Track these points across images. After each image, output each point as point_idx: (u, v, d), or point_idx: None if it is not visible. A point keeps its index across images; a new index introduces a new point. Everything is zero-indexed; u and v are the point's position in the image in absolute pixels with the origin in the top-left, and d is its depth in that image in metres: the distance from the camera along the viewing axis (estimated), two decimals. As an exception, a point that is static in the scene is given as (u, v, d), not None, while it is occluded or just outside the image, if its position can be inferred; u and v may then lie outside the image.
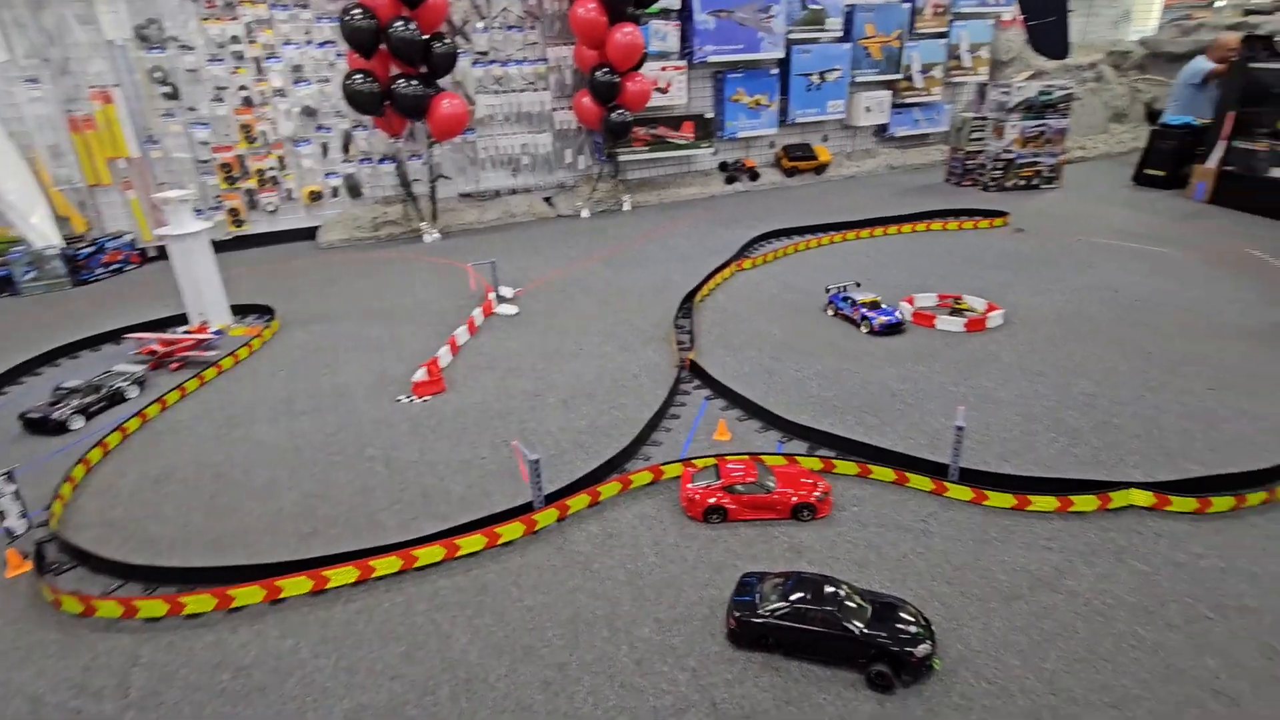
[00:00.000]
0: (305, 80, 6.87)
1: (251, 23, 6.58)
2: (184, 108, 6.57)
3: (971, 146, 8.20)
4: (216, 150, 6.76)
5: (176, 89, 6.49)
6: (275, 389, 4.19)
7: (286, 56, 6.77)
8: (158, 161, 6.62)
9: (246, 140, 6.80)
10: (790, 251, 6.23)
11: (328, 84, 6.93)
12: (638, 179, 8.50)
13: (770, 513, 2.87)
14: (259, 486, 3.27)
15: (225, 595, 2.58)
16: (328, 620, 2.54)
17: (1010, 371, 3.99)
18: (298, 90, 6.86)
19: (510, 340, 4.70)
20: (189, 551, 2.88)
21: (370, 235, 7.21)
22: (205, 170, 6.79)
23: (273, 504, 3.15)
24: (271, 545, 2.89)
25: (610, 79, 7.00)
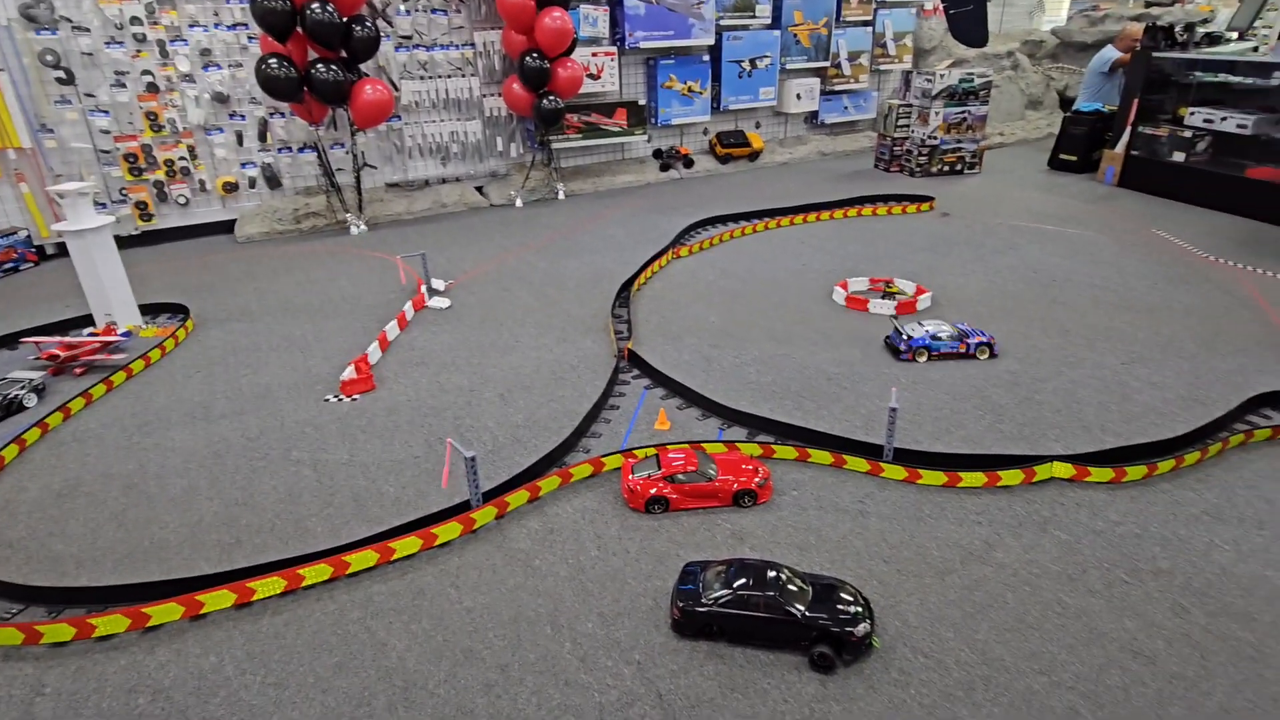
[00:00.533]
0: (215, 65, 6.50)
1: (152, 3, 6.17)
2: (80, 93, 6.12)
3: (898, 133, 8.39)
4: (119, 140, 6.34)
5: (71, 73, 6.04)
6: (191, 392, 3.96)
7: (194, 39, 6.39)
8: (53, 152, 6.16)
9: (152, 129, 6.40)
10: (726, 238, 6.26)
11: (240, 69, 6.58)
12: (572, 167, 8.39)
13: (713, 500, 2.88)
14: (175, 497, 3.09)
15: (140, 614, 2.42)
16: (254, 634, 2.42)
17: (939, 352, 4.10)
18: (207, 75, 6.49)
19: (443, 334, 4.57)
20: (99, 570, 2.69)
21: (292, 228, 6.90)
22: (108, 161, 6.35)
23: (191, 515, 2.97)
24: (191, 558, 2.74)
25: (540, 65, 6.87)
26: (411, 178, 7.59)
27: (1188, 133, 7.08)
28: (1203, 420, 3.34)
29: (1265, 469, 3.06)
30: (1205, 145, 7.07)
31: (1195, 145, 7.07)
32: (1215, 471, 3.06)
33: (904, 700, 2.09)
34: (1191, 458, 3.09)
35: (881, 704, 2.08)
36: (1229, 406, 3.44)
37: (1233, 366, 3.87)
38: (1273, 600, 2.43)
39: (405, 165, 7.52)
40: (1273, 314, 4.50)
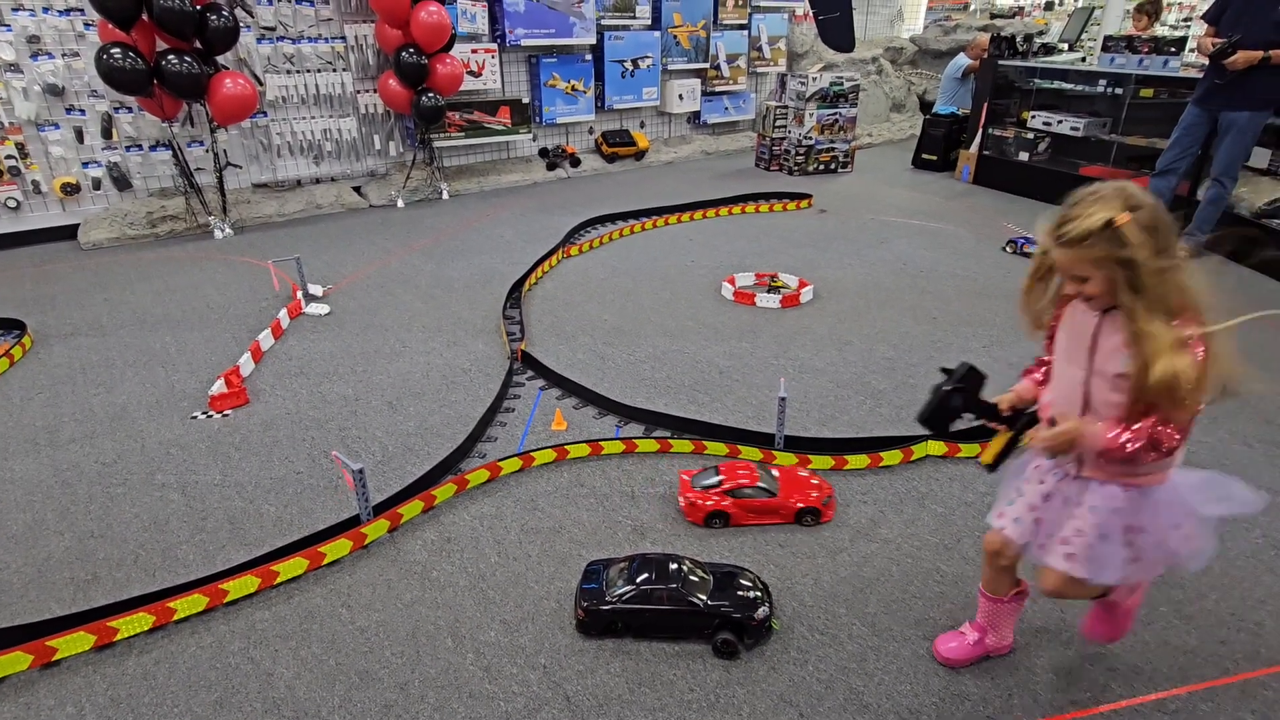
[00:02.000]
0: (47, 54, 5.86)
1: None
2: (-124, 83, 5.35)
3: (776, 133, 8.72)
4: (-71, 135, 5.59)
5: None
6: (32, 416, 3.56)
7: (18, 24, 5.73)
8: None
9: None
10: (616, 236, 6.29)
11: (76, 59, 5.96)
12: (455, 166, 8.18)
13: (774, 517, 2.78)
14: (17, 533, 2.76)
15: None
16: (118, 678, 2.20)
17: (822, 342, 4.30)
18: (37, 65, 5.83)
19: (323, 342, 4.34)
20: (-78, 623, 2.37)
21: (147, 233, 6.33)
22: (-86, 159, 5.59)
23: (37, 551, 2.67)
24: (39, 600, 2.46)
25: (418, 60, 6.64)
26: (281, 178, 7.15)
27: (1030, 134, 7.78)
28: (1052, 395, 3.67)
29: (1104, 436, 3.41)
30: (1045, 146, 7.80)
31: (1037, 146, 7.78)
32: (1064, 440, 3.37)
33: (803, 678, 2.17)
34: (1044, 429, 3.39)
35: (783, 683, 2.15)
36: (1073, 381, 3.80)
37: (1074, 345, 4.28)
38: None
39: (274, 164, 7.07)
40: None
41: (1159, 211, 1.57)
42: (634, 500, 2.95)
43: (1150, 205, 1.58)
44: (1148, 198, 1.60)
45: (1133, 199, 1.58)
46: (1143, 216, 1.55)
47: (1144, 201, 1.58)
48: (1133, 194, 1.60)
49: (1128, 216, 1.54)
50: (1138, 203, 1.57)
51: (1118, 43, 7.36)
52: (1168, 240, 1.57)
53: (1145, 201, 1.58)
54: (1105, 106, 7.36)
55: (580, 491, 3.00)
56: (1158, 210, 1.58)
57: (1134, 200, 1.58)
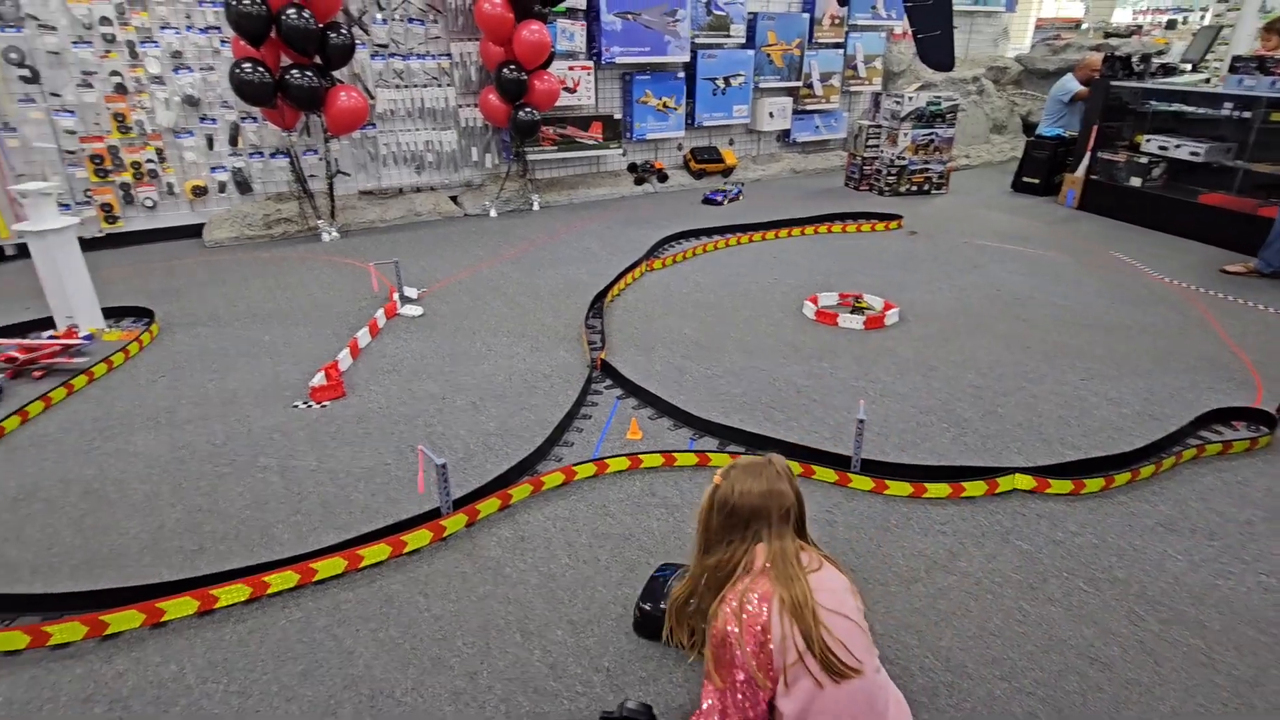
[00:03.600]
0: (186, 67, 6.42)
1: (123, 3, 6.09)
2: (45, 93, 6.00)
3: (868, 153, 8.57)
4: (85, 140, 6.21)
5: (36, 72, 5.91)
6: (155, 397, 3.88)
7: (165, 41, 6.30)
8: (15, 151, 6.01)
9: (120, 130, 6.28)
10: (699, 252, 6.32)
11: (212, 72, 6.50)
12: (547, 178, 8.42)
13: None
14: (137, 503, 3.02)
15: (98, 621, 2.36)
16: (216, 642, 2.37)
17: (906, 366, 4.19)
18: (178, 78, 6.40)
19: (415, 342, 4.54)
20: (55, 576, 2.62)
21: (263, 233, 6.81)
22: (72, 162, 6.22)
23: (153, 521, 2.91)
24: (152, 565, 2.68)
25: (517, 76, 6.90)
26: (385, 185, 7.55)
27: (1144, 159, 7.35)
28: (1157, 435, 3.45)
29: (1216, 483, 3.18)
30: (1160, 171, 7.34)
31: (1151, 171, 7.33)
32: (1169, 485, 3.16)
33: (869, 705, 2.11)
34: (1146, 471, 3.19)
35: (847, 709, 2.10)
36: (1182, 422, 3.56)
37: (1185, 384, 4.01)
38: (1222, 608, 2.51)
39: (379, 173, 7.48)
40: (1223, 334, 4.67)
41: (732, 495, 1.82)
42: (704, 513, 2.95)
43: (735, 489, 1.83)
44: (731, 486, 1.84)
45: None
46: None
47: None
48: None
49: (718, 478, 1.85)
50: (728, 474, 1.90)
51: (1247, 63, 6.87)
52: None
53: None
54: (1231, 131, 6.88)
55: (652, 501, 3.02)
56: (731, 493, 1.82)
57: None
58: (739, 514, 1.75)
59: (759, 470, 1.83)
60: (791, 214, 7.34)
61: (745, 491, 1.78)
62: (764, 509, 1.76)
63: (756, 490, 1.77)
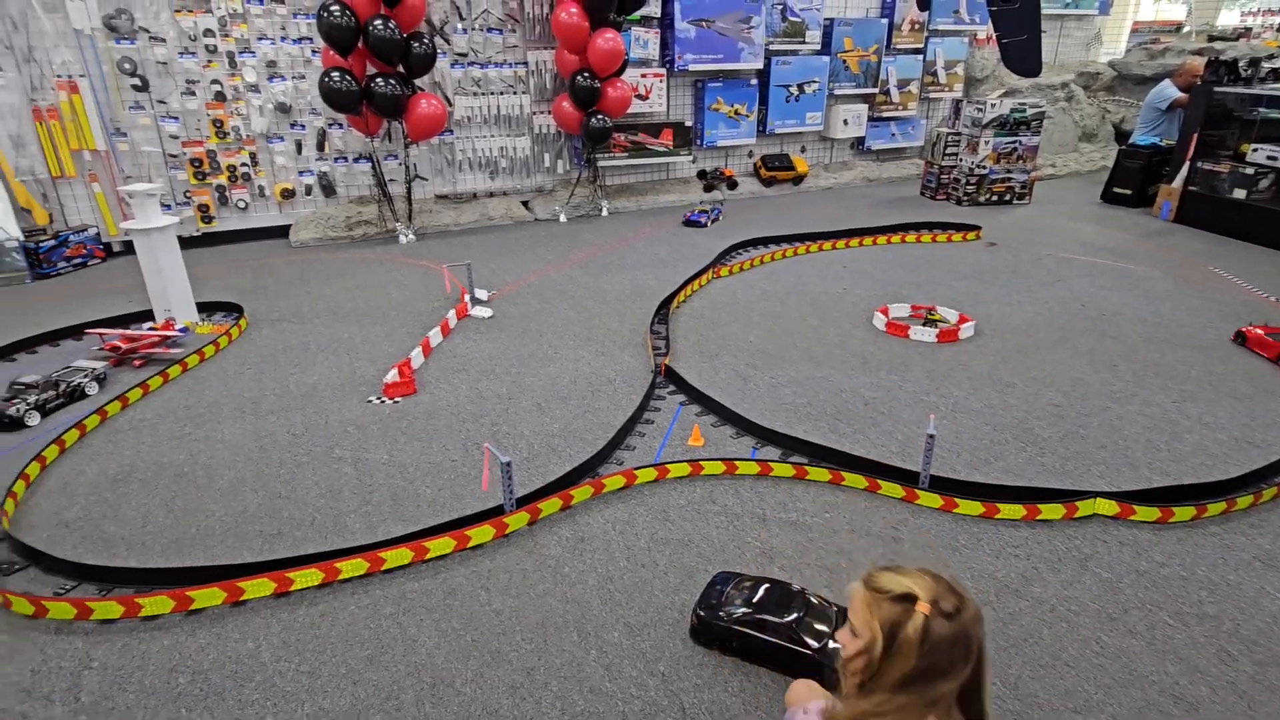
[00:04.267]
0: (280, 76, 6.79)
1: (225, 16, 6.49)
2: (153, 100, 6.45)
3: (946, 161, 8.34)
4: (186, 145, 6.64)
5: (146, 81, 6.37)
6: (241, 388, 4.11)
7: (261, 52, 6.69)
8: (125, 154, 6.49)
9: (218, 136, 6.69)
10: (768, 260, 6.28)
11: (303, 80, 6.86)
12: (617, 184, 8.52)
13: None
14: (222, 487, 3.21)
15: (184, 597, 2.52)
16: (290, 623, 2.49)
17: (981, 381, 4.06)
18: (272, 86, 6.77)
19: (484, 343, 4.67)
20: (147, 553, 2.81)
21: (344, 235, 7.13)
22: (174, 165, 6.66)
23: (236, 505, 3.08)
24: (234, 547, 2.84)
25: (591, 84, 7.01)
26: (460, 190, 7.79)
27: (1250, 169, 6.90)
28: (1257, 463, 3.23)
29: (1323, 517, 2.95)
30: (1268, 183, 6.88)
31: (1257, 182, 6.88)
32: (1270, 517, 2.96)
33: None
34: (1244, 501, 2.99)
35: (908, 731, 2.04)
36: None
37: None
38: (1327, 653, 2.33)
39: (455, 178, 7.72)
40: (1336, 358, 4.34)
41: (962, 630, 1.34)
42: (765, 523, 2.92)
43: (960, 621, 1.35)
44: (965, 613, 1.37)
45: (947, 597, 1.37)
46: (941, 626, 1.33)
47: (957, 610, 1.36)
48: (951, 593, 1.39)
49: (929, 608, 1.34)
50: (953, 607, 1.36)
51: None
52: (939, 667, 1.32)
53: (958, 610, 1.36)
54: (1350, 140, 6.39)
55: (712, 508, 3.02)
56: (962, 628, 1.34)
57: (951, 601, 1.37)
58: (938, 667, 1.32)
59: (957, 607, 1.37)
60: (864, 223, 7.21)
61: (957, 637, 1.34)
62: (958, 668, 1.34)
63: (963, 637, 1.35)
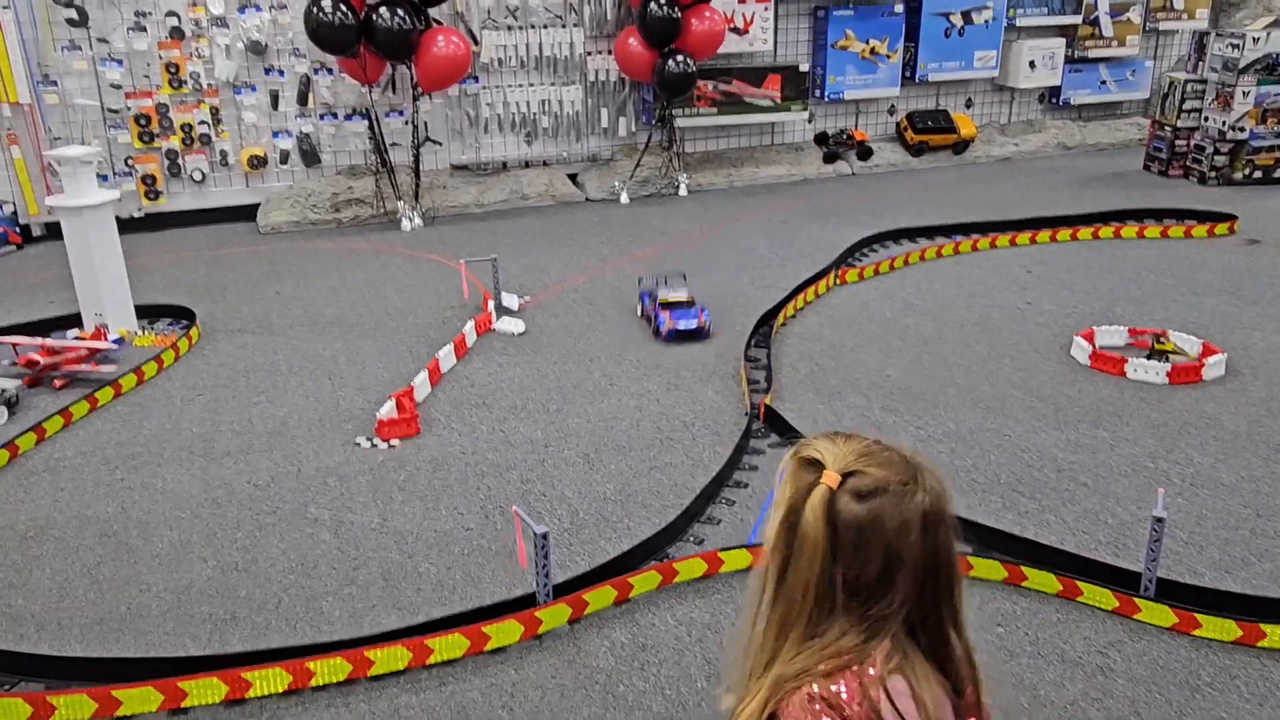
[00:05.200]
0: (254, 5, 7.19)
1: (189, -72, 6.93)
2: (92, 39, 6.92)
3: (1184, 122, 8.14)
4: (131, 97, 7.08)
5: (84, 14, 6.84)
6: (190, 421, 4.32)
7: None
8: (53, 109, 6.96)
9: (171, 84, 7.11)
10: (915, 260, 6.24)
11: (285, 11, 7.24)
12: (700, 152, 8.63)
13: None
14: (162, 552, 3.37)
15: (109, 697, 2.64)
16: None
17: (1236, 443, 3.93)
18: (243, 19, 7.18)
19: (513, 368, 4.77)
20: (65, 636, 2.97)
21: (329, 218, 7.44)
22: (115, 123, 7.11)
23: (180, 577, 3.23)
24: (175, 634, 2.97)
25: (668, 14, 7.18)
26: (485, 159, 8.04)
27: None
28: None
29: None
30: None
31: None
32: None
33: None
34: None
35: None
36: None
37: None
38: None
39: (479, 142, 7.98)
40: None
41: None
42: (908, 636, 2.88)
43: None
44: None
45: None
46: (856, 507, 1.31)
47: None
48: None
49: (835, 479, 1.32)
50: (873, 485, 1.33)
51: None
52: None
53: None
54: None
55: (830, 611, 2.99)
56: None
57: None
58: (881, 552, 1.37)
59: (902, 475, 1.42)
60: (1058, 209, 7.07)
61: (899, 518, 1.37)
62: (928, 560, 1.37)
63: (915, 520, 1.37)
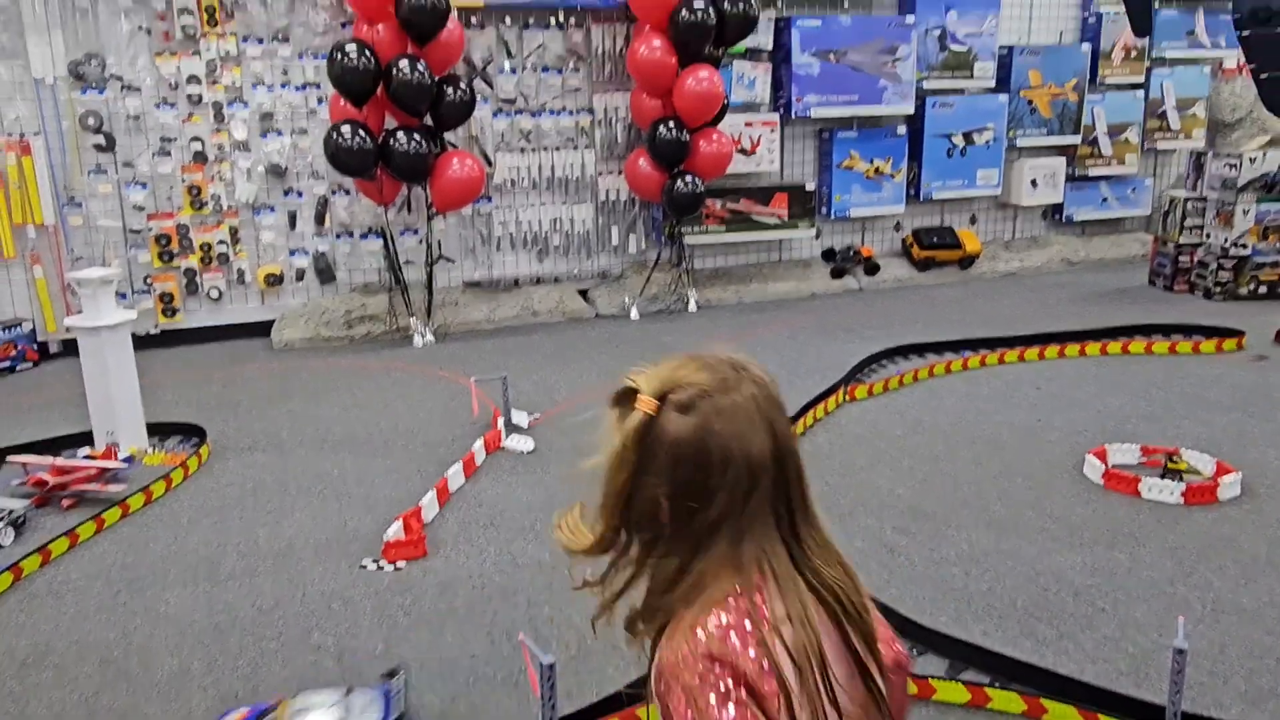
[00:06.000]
0: (276, 131, 7.47)
1: (215, 60, 7.26)
2: (118, 162, 7.17)
3: (1186, 238, 8.27)
4: (153, 218, 7.30)
5: (112, 138, 7.12)
6: (196, 542, 4.31)
7: (255, 101, 7.41)
8: (76, 230, 7.17)
9: (193, 205, 7.34)
10: (924, 376, 6.27)
11: (304, 136, 7.52)
12: (709, 269, 8.79)
13: None
14: (161, 681, 3.32)
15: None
16: None
17: (1256, 566, 3.87)
18: (265, 144, 7.45)
19: (522, 487, 4.77)
20: (56, 771, 2.91)
21: (342, 335, 7.55)
22: (136, 243, 7.31)
23: (178, 708, 3.18)
24: (170, 769, 2.90)
25: (677, 136, 7.42)
26: (497, 276, 8.21)
27: None
28: None
29: None
30: None
31: None
32: None
33: None
34: None
35: None
36: None
37: None
38: None
39: (490, 259, 8.16)
40: None
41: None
42: (926, 774, 2.79)
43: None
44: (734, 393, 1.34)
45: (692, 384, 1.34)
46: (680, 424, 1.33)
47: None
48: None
49: (652, 404, 1.33)
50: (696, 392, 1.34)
51: None
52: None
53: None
54: None
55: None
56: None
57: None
58: (717, 470, 1.34)
59: (722, 374, 1.38)
60: (1065, 324, 7.14)
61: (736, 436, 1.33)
62: (758, 468, 1.34)
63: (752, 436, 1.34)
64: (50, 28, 6.90)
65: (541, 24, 7.86)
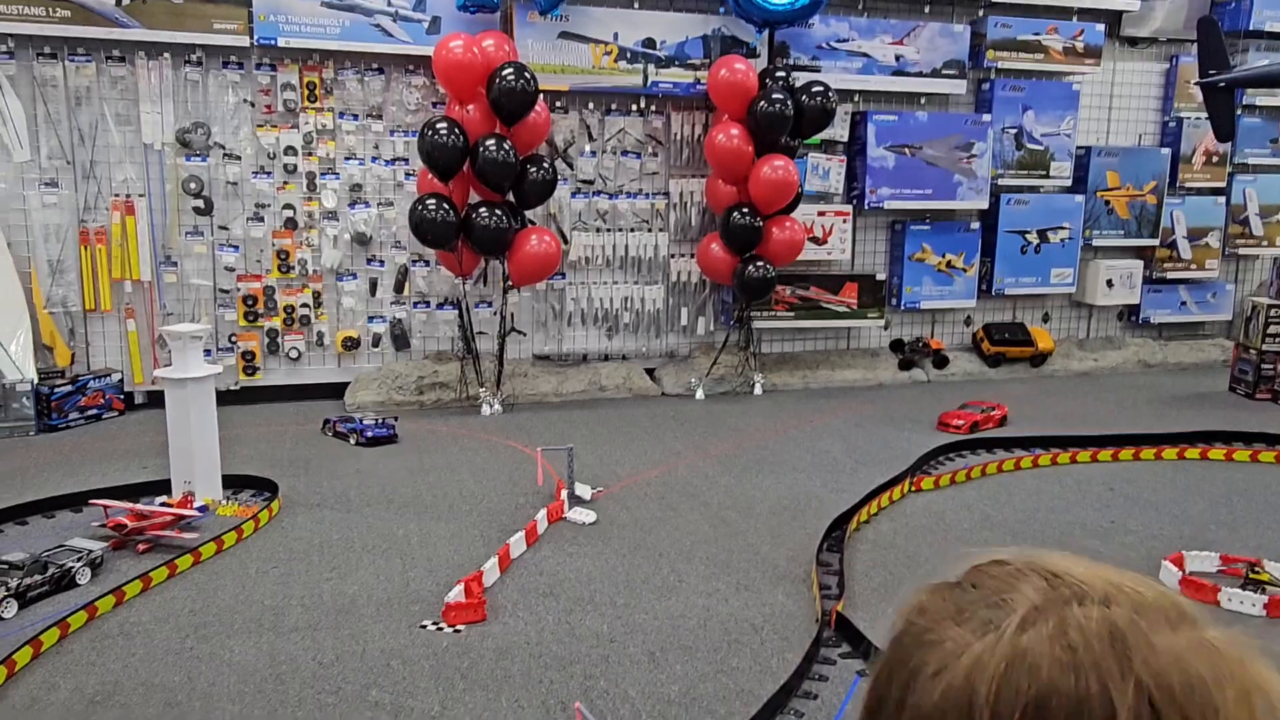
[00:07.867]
0: (364, 202, 7.79)
1: (311, 132, 7.64)
2: (214, 225, 7.53)
3: (1270, 345, 8.11)
4: (242, 279, 7.62)
5: (210, 202, 7.49)
6: (263, 593, 4.41)
7: (346, 173, 7.75)
8: (169, 287, 7.51)
9: (280, 269, 7.65)
10: (993, 470, 6.19)
11: (390, 207, 7.82)
12: (776, 354, 8.84)
13: None
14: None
15: None
16: None
17: (1341, 685, 3.69)
18: (353, 214, 7.76)
19: (582, 559, 4.80)
20: (117, 808, 2.96)
21: (413, 400, 7.73)
22: (224, 302, 7.62)
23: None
24: (225, 814, 2.94)
25: (750, 222, 7.56)
26: (566, 350, 8.35)
27: None
28: None
29: None
30: None
31: None
32: None
33: None
34: None
35: None
36: None
37: None
38: None
39: (561, 334, 8.31)
40: None
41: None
42: None
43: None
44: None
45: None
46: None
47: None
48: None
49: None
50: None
51: None
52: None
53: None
54: None
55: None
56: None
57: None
58: None
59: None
60: (1141, 426, 7.04)
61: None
62: None
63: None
64: (163, 97, 7.35)
65: (623, 110, 8.14)
